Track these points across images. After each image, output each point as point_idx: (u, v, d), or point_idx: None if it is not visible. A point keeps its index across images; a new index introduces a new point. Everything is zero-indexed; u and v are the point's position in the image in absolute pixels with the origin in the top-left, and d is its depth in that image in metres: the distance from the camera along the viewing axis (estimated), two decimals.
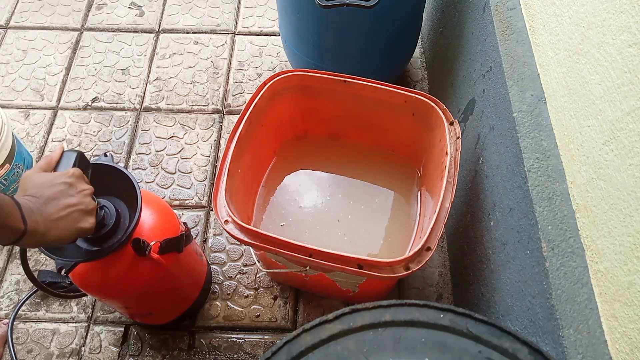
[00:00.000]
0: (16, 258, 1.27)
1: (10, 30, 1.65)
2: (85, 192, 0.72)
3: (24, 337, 1.18)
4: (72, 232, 0.69)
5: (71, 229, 0.69)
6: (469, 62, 1.11)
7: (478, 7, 1.06)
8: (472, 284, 1.06)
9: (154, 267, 0.92)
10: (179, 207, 1.34)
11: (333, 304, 1.21)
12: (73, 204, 0.69)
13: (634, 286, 0.59)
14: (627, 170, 0.60)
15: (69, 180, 0.70)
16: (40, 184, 0.68)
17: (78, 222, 0.70)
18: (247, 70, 1.57)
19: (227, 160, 0.97)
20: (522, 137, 0.82)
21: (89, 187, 0.74)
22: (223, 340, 1.17)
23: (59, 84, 1.54)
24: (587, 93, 0.69)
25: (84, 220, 0.71)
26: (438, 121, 1.01)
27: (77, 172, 0.73)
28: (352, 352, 0.62)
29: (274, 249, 0.87)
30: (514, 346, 0.61)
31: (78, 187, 0.71)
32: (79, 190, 0.71)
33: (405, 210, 1.17)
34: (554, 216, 0.74)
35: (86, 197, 0.72)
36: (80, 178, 0.73)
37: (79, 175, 0.73)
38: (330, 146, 1.26)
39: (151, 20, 1.67)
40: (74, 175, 0.72)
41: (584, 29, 0.71)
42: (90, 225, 0.72)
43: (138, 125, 1.47)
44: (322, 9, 1.04)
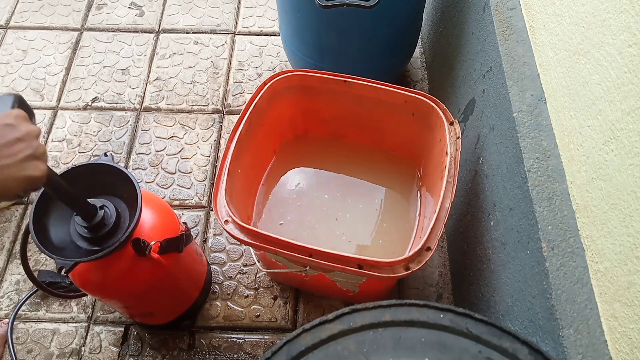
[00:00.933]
0: (16, 258, 1.27)
1: (10, 30, 1.65)
2: (33, 134, 0.62)
3: (24, 337, 1.18)
4: (19, 180, 0.59)
5: (18, 177, 0.59)
6: (469, 62, 1.11)
7: (478, 7, 1.06)
8: (472, 284, 1.06)
9: (154, 267, 0.92)
10: (179, 207, 1.34)
11: (333, 304, 1.21)
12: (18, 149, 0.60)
13: (634, 286, 0.59)
14: (627, 170, 0.60)
15: (10, 121, 0.60)
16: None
17: (26, 169, 0.60)
18: (247, 70, 1.57)
19: (227, 160, 0.97)
20: (522, 137, 0.82)
21: (35, 128, 0.63)
22: (223, 340, 1.17)
23: (59, 84, 1.54)
24: (587, 93, 0.69)
25: (33, 167, 0.61)
26: (438, 121, 1.01)
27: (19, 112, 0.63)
28: (352, 352, 0.62)
29: (274, 249, 0.87)
30: (514, 346, 0.61)
31: (23, 128, 0.61)
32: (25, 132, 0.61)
33: (405, 210, 1.17)
34: (554, 216, 0.74)
35: (34, 140, 0.62)
36: (24, 118, 0.63)
37: (22, 115, 0.63)
38: (330, 146, 1.26)
39: (151, 20, 1.67)
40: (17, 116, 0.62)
41: (584, 29, 0.71)
42: (41, 173, 0.62)
43: (138, 125, 1.47)
44: (322, 9, 1.04)
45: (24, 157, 0.60)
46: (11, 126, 0.60)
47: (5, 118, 0.61)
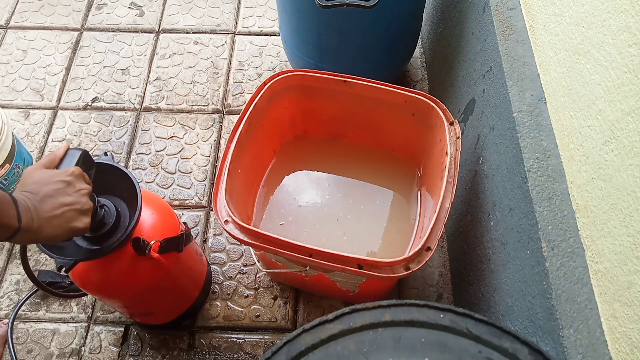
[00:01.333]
0: (16, 258, 1.27)
1: (10, 30, 1.65)
2: (83, 192, 0.71)
3: (24, 337, 1.17)
4: (65, 230, 0.68)
5: (65, 227, 0.68)
6: (469, 62, 1.11)
7: (478, 7, 1.06)
8: (472, 284, 1.06)
9: (153, 267, 0.92)
10: (179, 207, 1.34)
11: (333, 304, 1.21)
12: (69, 203, 0.68)
13: (634, 286, 0.59)
14: (627, 170, 0.60)
15: (67, 179, 0.70)
16: (39, 181, 0.68)
17: (72, 221, 0.69)
18: (247, 70, 1.57)
19: (227, 160, 0.97)
20: (522, 137, 0.82)
21: (87, 186, 0.73)
22: (223, 340, 1.17)
23: (59, 84, 1.54)
24: (587, 93, 0.69)
25: (79, 220, 0.70)
26: (438, 121, 1.01)
27: (77, 170, 0.72)
28: (352, 352, 0.62)
29: (274, 249, 0.87)
30: (514, 346, 0.61)
31: (76, 186, 0.71)
32: (77, 190, 0.70)
33: (405, 210, 1.17)
34: (554, 216, 0.74)
35: (83, 197, 0.71)
36: (80, 177, 0.72)
37: (78, 174, 0.72)
38: (330, 146, 1.26)
39: (151, 20, 1.67)
40: (73, 174, 0.71)
41: (584, 29, 0.71)
42: (85, 225, 0.71)
43: (138, 125, 1.47)
44: (322, 9, 1.04)
45: (74, 211, 0.69)
46: (69, 184, 0.70)
47: (65, 175, 0.70)
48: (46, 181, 0.68)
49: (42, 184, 0.68)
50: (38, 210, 0.65)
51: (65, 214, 0.68)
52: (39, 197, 0.66)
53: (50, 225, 0.66)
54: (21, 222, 0.62)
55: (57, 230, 0.67)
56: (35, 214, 0.65)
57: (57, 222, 0.67)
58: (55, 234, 0.67)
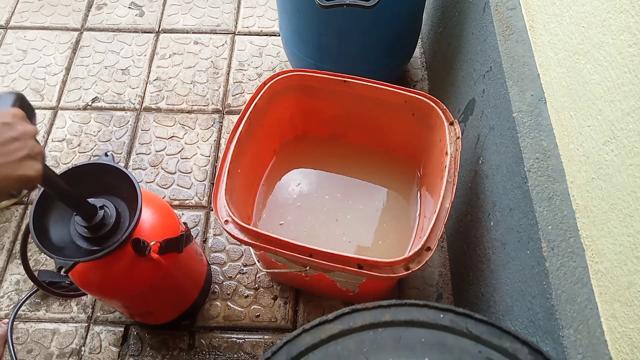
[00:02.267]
0: (16, 258, 1.27)
1: (10, 30, 1.65)
2: (29, 134, 0.63)
3: (24, 337, 1.18)
4: (14, 180, 0.60)
5: (13, 176, 0.60)
6: (469, 62, 1.11)
7: (478, 7, 1.06)
8: (472, 284, 1.06)
9: (153, 267, 0.92)
10: (179, 207, 1.34)
11: (333, 304, 1.21)
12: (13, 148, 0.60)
13: (634, 286, 0.59)
14: (627, 170, 0.60)
15: (7, 120, 0.61)
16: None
17: (21, 168, 0.60)
18: (247, 70, 1.57)
19: (227, 160, 0.97)
20: (522, 137, 0.82)
21: (32, 127, 0.64)
22: (223, 340, 1.17)
23: (59, 84, 1.54)
24: (587, 93, 0.69)
25: (28, 166, 0.61)
26: (438, 121, 1.01)
27: (17, 111, 0.64)
28: (352, 352, 0.62)
29: (274, 249, 0.87)
30: (514, 346, 0.61)
31: (19, 128, 0.62)
32: (22, 132, 0.62)
33: (405, 210, 1.17)
34: (554, 216, 0.74)
35: (30, 140, 0.62)
36: (22, 118, 0.64)
37: (20, 114, 0.64)
38: (330, 146, 1.26)
39: (151, 20, 1.67)
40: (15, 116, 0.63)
41: (584, 29, 0.71)
42: (36, 173, 0.62)
43: (138, 125, 1.47)
44: (322, 9, 1.04)
45: (20, 156, 0.60)
46: (7, 125, 0.61)
47: (2, 117, 0.61)
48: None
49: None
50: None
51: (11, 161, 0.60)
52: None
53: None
54: None
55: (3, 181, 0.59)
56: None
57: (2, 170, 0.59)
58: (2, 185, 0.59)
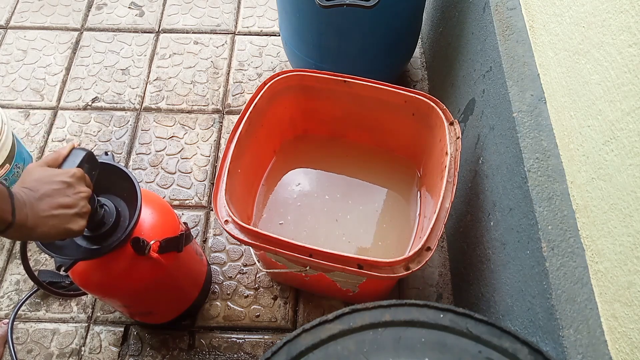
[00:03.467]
0: (16, 258, 1.27)
1: (10, 30, 1.65)
2: (82, 195, 0.71)
3: (24, 337, 1.17)
4: (60, 231, 0.68)
5: (59, 228, 0.68)
6: (469, 62, 1.11)
7: (478, 7, 1.06)
8: (472, 284, 1.06)
9: (153, 267, 0.92)
10: (179, 207, 1.34)
11: (333, 304, 1.21)
12: (66, 204, 0.68)
13: (634, 286, 0.59)
14: (627, 170, 0.60)
15: (68, 180, 0.70)
16: (39, 178, 0.68)
17: (68, 222, 0.69)
18: (247, 70, 1.57)
19: (227, 160, 0.97)
20: (522, 137, 0.82)
21: (87, 189, 0.73)
22: (223, 340, 1.17)
23: (59, 84, 1.54)
24: (587, 93, 0.69)
25: (74, 222, 0.70)
26: (438, 121, 1.01)
27: (78, 172, 0.72)
28: (352, 352, 0.62)
29: (274, 249, 0.87)
30: (514, 346, 0.61)
31: (76, 188, 0.70)
32: (76, 192, 0.70)
33: (405, 210, 1.17)
34: (554, 216, 0.74)
35: (82, 200, 0.71)
36: (81, 179, 0.72)
37: (80, 176, 0.72)
38: (330, 146, 1.26)
39: (151, 20, 1.67)
40: (74, 176, 0.71)
41: (584, 29, 0.71)
42: (79, 228, 0.71)
43: (138, 125, 1.47)
44: (322, 9, 1.04)
45: (70, 214, 0.69)
46: (69, 185, 0.69)
47: (66, 176, 0.70)
48: (46, 180, 0.68)
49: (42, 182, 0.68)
50: (34, 208, 0.65)
51: (61, 215, 0.68)
52: (38, 195, 0.66)
53: (45, 224, 0.66)
54: (15, 217, 0.62)
55: (51, 230, 0.67)
56: (31, 212, 0.64)
57: (52, 222, 0.67)
58: (49, 234, 0.67)
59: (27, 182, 0.68)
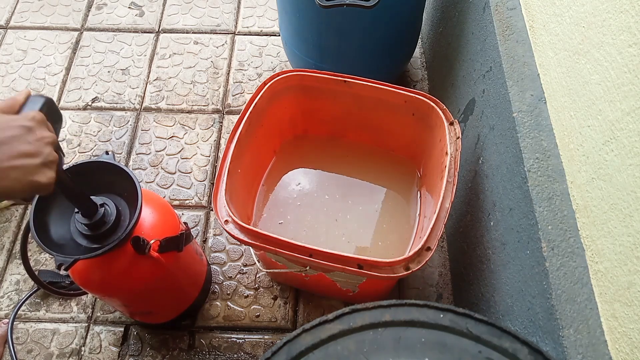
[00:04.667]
0: (16, 258, 1.27)
1: (10, 30, 1.65)
2: (46, 140, 0.62)
3: (24, 337, 1.17)
4: (24, 185, 0.59)
5: (24, 181, 0.59)
6: (469, 62, 1.11)
7: (478, 7, 1.06)
8: (472, 284, 1.06)
9: (153, 266, 0.92)
10: (179, 207, 1.34)
11: (333, 304, 1.21)
12: (28, 152, 0.59)
13: (634, 286, 0.59)
14: (627, 170, 0.60)
15: (27, 124, 0.60)
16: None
17: (33, 174, 0.59)
18: (247, 70, 1.57)
19: (227, 160, 0.97)
20: (522, 137, 0.82)
21: (50, 134, 0.63)
22: (223, 340, 1.17)
23: (59, 84, 1.54)
24: (587, 93, 0.69)
25: (41, 173, 0.60)
26: (438, 121, 1.01)
27: (38, 115, 0.62)
28: (352, 352, 0.62)
29: (274, 249, 0.87)
30: (514, 346, 0.61)
31: (37, 133, 0.61)
32: (38, 138, 0.61)
33: (405, 210, 1.17)
34: (554, 216, 0.74)
35: (46, 147, 0.61)
36: (42, 123, 0.63)
37: (40, 119, 0.62)
38: (330, 146, 1.26)
39: (151, 20, 1.67)
40: (34, 119, 0.61)
41: (584, 29, 0.71)
42: (48, 180, 0.61)
43: (138, 125, 1.47)
44: (322, 9, 1.04)
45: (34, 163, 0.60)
46: (29, 130, 0.60)
47: (25, 120, 0.61)
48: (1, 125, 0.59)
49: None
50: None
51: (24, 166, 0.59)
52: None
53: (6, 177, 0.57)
54: None
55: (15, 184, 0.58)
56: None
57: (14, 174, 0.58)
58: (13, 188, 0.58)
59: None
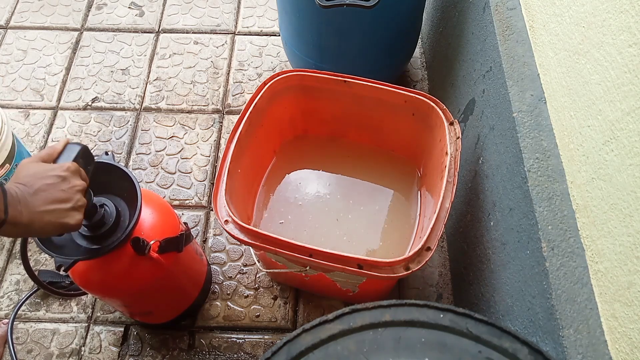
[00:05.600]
0: (16, 258, 1.27)
1: (10, 30, 1.65)
2: (77, 188, 0.70)
3: (24, 337, 1.17)
4: (56, 226, 0.67)
5: (56, 223, 0.67)
6: (469, 62, 1.11)
7: (478, 7, 1.06)
8: (472, 284, 1.06)
9: (153, 266, 0.92)
10: (179, 207, 1.34)
11: (333, 304, 1.21)
12: (61, 199, 0.67)
13: (634, 286, 0.59)
14: (627, 170, 0.60)
15: (63, 174, 0.69)
16: (33, 174, 0.67)
17: (64, 217, 0.68)
18: (247, 70, 1.57)
19: (227, 160, 0.97)
20: (522, 137, 0.82)
21: (82, 183, 0.71)
22: (223, 340, 1.17)
23: (59, 84, 1.54)
24: (587, 93, 0.69)
25: (70, 216, 0.68)
26: (438, 121, 1.01)
27: (73, 166, 0.71)
28: (352, 352, 0.62)
29: (274, 249, 0.87)
30: (514, 346, 0.61)
31: (71, 182, 0.69)
32: (72, 186, 0.69)
33: (405, 210, 1.17)
34: (554, 216, 0.74)
35: (77, 194, 0.70)
36: (76, 173, 0.71)
37: (74, 169, 0.71)
38: (330, 146, 1.26)
39: (151, 20, 1.67)
40: (69, 170, 0.70)
41: (584, 29, 0.71)
42: (76, 222, 0.69)
43: (138, 125, 1.47)
44: (322, 9, 1.04)
45: (65, 208, 0.68)
46: (64, 179, 0.68)
47: (61, 170, 0.69)
48: (41, 175, 0.67)
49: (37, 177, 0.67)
50: (29, 203, 0.64)
51: (57, 210, 0.67)
52: (32, 191, 0.65)
53: (40, 219, 0.65)
54: (7, 214, 0.61)
55: (47, 226, 0.66)
56: (26, 208, 0.64)
57: (48, 217, 0.66)
58: (46, 229, 0.67)
59: (21, 177, 0.66)
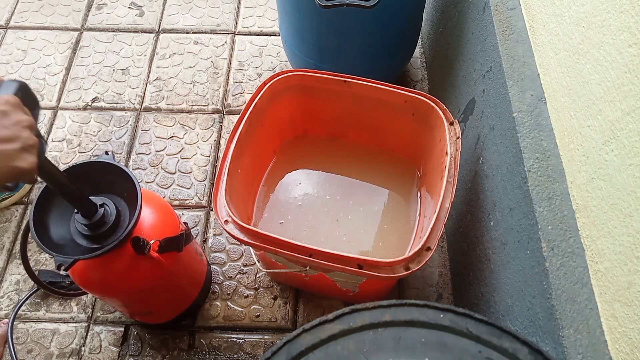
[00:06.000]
0: (16, 258, 1.27)
1: (10, 30, 1.65)
2: (23, 124, 0.59)
3: (24, 337, 1.17)
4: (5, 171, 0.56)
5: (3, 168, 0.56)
6: (469, 62, 1.11)
7: (478, 7, 1.06)
8: (472, 284, 1.06)
9: (153, 266, 0.92)
10: (179, 207, 1.34)
11: (333, 304, 1.21)
12: (5, 137, 0.56)
13: (634, 286, 0.59)
14: (627, 170, 0.60)
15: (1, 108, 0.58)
16: None
17: (13, 160, 0.57)
18: (247, 70, 1.57)
19: (227, 160, 0.97)
20: (522, 137, 0.82)
21: (28, 118, 0.60)
22: (223, 340, 1.17)
23: (59, 84, 1.54)
24: (587, 93, 0.69)
25: (21, 158, 0.57)
26: (438, 121, 1.01)
27: (13, 99, 0.59)
28: (352, 352, 0.62)
29: (274, 249, 0.87)
30: (514, 346, 0.61)
31: (13, 117, 0.58)
32: (15, 121, 0.58)
33: (405, 211, 1.17)
34: (554, 216, 0.74)
35: (24, 130, 0.59)
36: (17, 107, 0.60)
37: (15, 102, 0.59)
38: (330, 146, 1.26)
39: (151, 20, 1.67)
40: (8, 103, 0.58)
41: (584, 29, 0.71)
42: (30, 165, 0.59)
43: (138, 125, 1.47)
44: (322, 9, 1.04)
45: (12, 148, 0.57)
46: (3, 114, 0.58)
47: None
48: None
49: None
50: None
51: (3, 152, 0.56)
52: None
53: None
54: None
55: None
56: None
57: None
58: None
59: None
